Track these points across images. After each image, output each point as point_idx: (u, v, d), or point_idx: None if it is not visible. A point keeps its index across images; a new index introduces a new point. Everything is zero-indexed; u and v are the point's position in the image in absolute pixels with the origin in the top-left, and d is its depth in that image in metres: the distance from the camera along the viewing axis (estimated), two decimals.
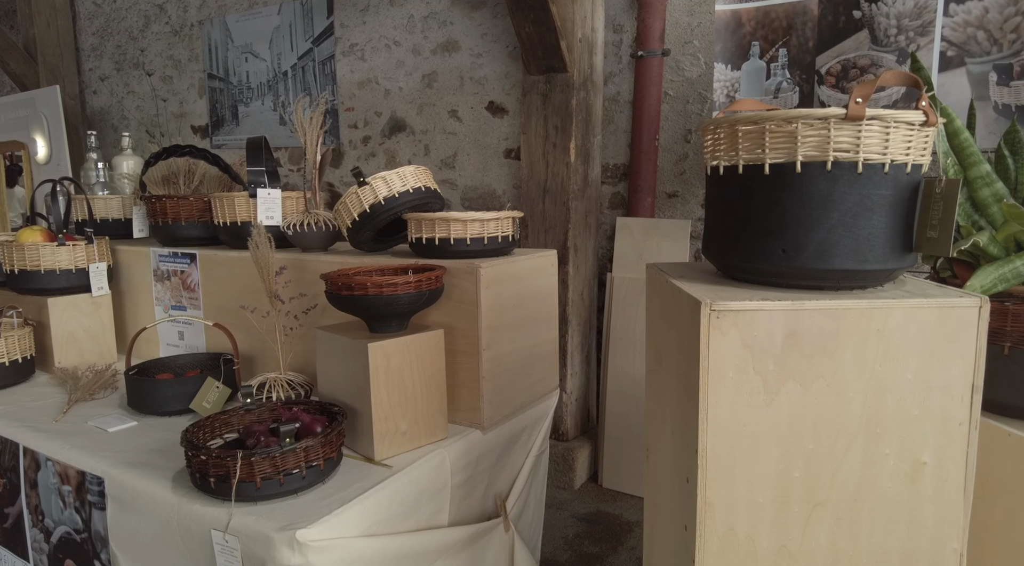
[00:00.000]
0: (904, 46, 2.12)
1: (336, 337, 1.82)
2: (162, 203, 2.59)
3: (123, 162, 3.13)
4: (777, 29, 2.25)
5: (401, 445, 1.80)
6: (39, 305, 2.57)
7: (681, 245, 3.51)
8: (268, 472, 1.52)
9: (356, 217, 2.11)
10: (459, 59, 4.26)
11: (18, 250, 2.53)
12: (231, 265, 2.45)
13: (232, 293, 2.45)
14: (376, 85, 4.61)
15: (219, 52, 5.30)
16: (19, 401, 2.30)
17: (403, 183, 2.12)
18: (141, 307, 2.76)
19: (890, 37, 2.13)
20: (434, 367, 1.85)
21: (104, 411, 2.20)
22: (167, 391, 2.10)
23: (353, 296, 1.72)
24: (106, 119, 6.12)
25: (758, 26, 2.27)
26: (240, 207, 2.41)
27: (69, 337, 2.61)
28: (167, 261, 2.62)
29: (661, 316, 1.51)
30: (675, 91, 3.61)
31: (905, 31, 2.11)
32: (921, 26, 2.08)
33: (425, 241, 2.01)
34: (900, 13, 2.10)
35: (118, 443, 1.93)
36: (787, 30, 2.24)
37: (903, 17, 2.10)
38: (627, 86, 3.74)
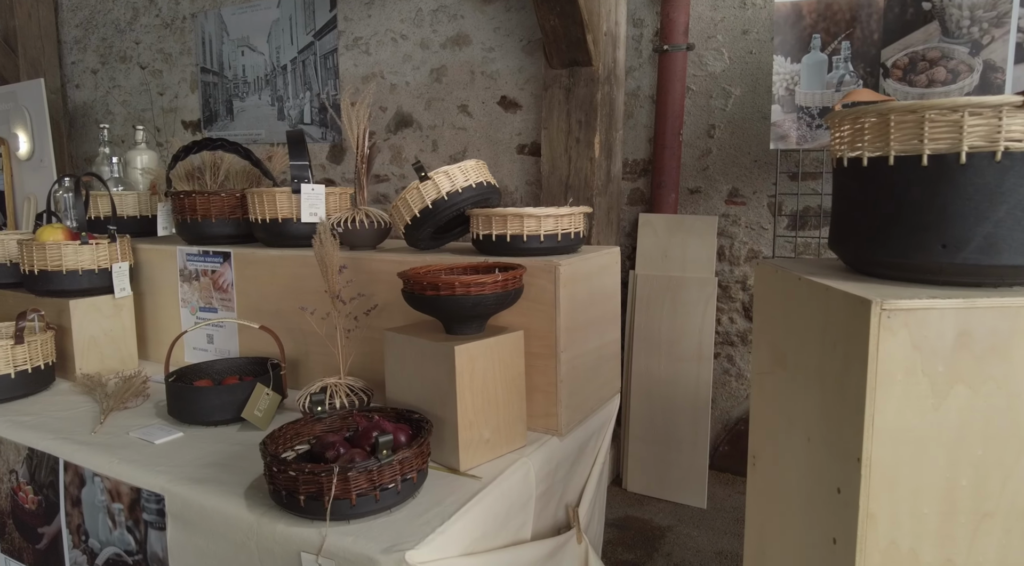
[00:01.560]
0: (977, 38, 2.05)
1: (414, 339, 1.69)
2: (191, 199, 2.43)
3: (137, 157, 2.95)
4: (840, 21, 2.17)
5: (484, 454, 1.68)
6: (59, 307, 2.40)
7: (708, 242, 3.43)
8: (364, 488, 1.39)
9: (416, 213, 1.99)
10: (470, 53, 4.13)
11: (39, 249, 2.36)
12: (271, 264, 2.30)
13: (271, 294, 2.31)
14: (381, 79, 4.46)
15: (213, 45, 5.10)
16: (47, 411, 2.13)
17: (465, 178, 1.99)
18: (164, 309, 2.60)
19: (962, 28, 2.06)
20: (515, 371, 1.73)
21: (142, 421, 2.04)
22: (214, 399, 1.95)
23: (439, 297, 1.60)
24: (89, 114, 5.88)
25: (819, 18, 2.19)
26: (281, 203, 2.26)
27: (91, 341, 2.44)
28: (196, 260, 2.46)
29: (784, 315, 1.41)
30: (698, 86, 3.53)
31: (979, 22, 2.04)
32: (996, 17, 2.02)
33: (495, 238, 1.89)
34: (973, 4, 2.03)
35: (170, 457, 1.78)
36: (850, 22, 2.16)
37: (976, 8, 2.03)
38: (647, 81, 3.65)
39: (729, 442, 3.54)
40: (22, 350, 2.20)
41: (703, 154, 3.56)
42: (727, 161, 3.50)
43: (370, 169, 2.16)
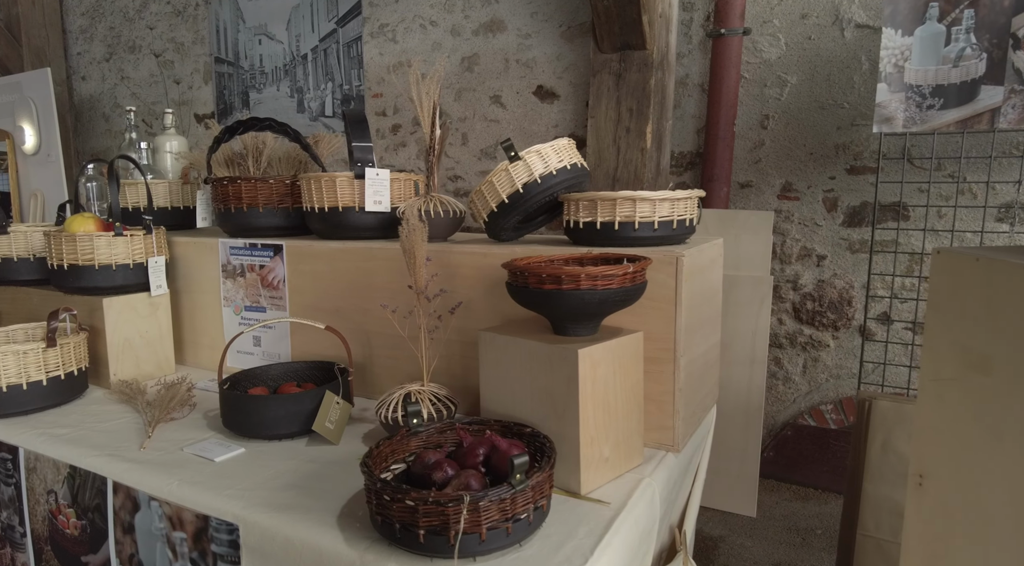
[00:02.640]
0: None
1: (521, 341, 1.44)
2: (236, 186, 2.17)
3: (166, 142, 2.68)
4: None
5: (604, 475, 1.44)
6: (91, 306, 2.13)
7: (763, 238, 3.19)
8: (495, 520, 1.14)
9: (505, 199, 1.74)
10: (504, 40, 3.88)
11: (68, 241, 2.08)
12: (330, 258, 2.04)
13: (330, 291, 2.05)
14: (409, 68, 4.19)
15: (228, 34, 4.82)
16: (85, 423, 1.86)
17: (559, 159, 1.75)
18: (203, 308, 2.33)
19: None
20: (635, 378, 1.49)
21: (194, 434, 1.78)
22: (278, 410, 1.70)
23: (560, 291, 1.35)
24: (96, 107, 5.59)
25: None
26: (342, 190, 2.01)
27: (125, 344, 2.17)
28: (242, 254, 2.20)
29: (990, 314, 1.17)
30: (751, 74, 3.30)
31: None
32: None
33: (600, 225, 1.65)
34: None
35: (236, 477, 1.52)
36: None
37: None
38: (696, 68, 3.42)
39: (775, 448, 3.31)
40: (54, 354, 1.94)
41: (755, 146, 3.33)
42: (781, 154, 3.27)
43: (441, 152, 1.91)
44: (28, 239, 2.28)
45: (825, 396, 3.23)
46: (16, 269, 2.28)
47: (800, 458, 3.21)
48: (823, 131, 3.16)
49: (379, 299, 1.96)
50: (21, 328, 2.14)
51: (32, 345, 1.88)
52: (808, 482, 3.20)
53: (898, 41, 2.02)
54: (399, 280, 1.91)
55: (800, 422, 3.24)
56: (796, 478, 3.23)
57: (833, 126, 3.14)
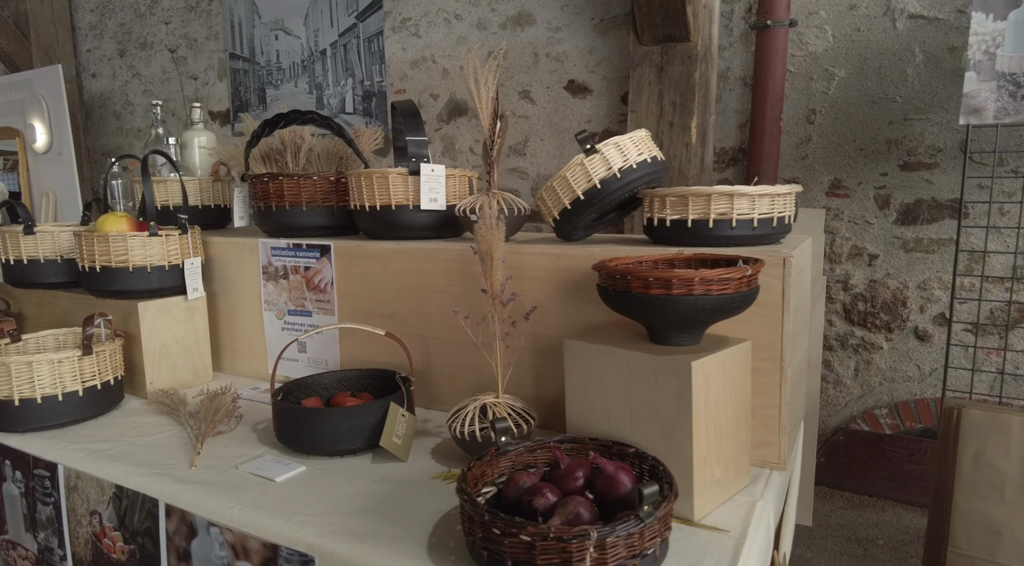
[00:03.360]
0: None
1: (620, 352, 1.30)
2: (277, 183, 2.02)
3: (194, 138, 2.54)
4: None
5: (715, 498, 1.30)
6: (125, 311, 1.98)
7: (815, 237, 3.05)
8: (622, 557, 1.00)
9: (580, 195, 1.60)
10: (533, 34, 3.74)
11: (101, 242, 1.94)
12: (383, 259, 1.90)
13: (384, 294, 1.91)
14: (432, 64, 4.06)
15: (243, 29, 4.68)
16: (125, 436, 1.72)
17: (638, 152, 1.61)
18: (241, 312, 2.18)
19: None
20: (743, 391, 1.35)
21: (246, 450, 1.63)
22: (341, 424, 1.55)
23: (669, 297, 1.21)
24: (106, 105, 5.43)
25: None
26: (395, 187, 1.86)
27: (161, 351, 2.02)
28: (285, 255, 2.05)
29: None
30: (796, 67, 3.16)
31: None
32: None
33: (691, 223, 1.50)
34: None
35: (303, 499, 1.37)
36: None
37: None
38: (738, 61, 3.28)
39: (826, 453, 3.18)
40: (90, 362, 1.79)
41: (801, 142, 3.19)
42: (829, 149, 3.13)
43: (502, 145, 1.77)
44: (55, 240, 2.13)
45: (879, 400, 3.09)
46: (43, 271, 2.14)
47: (854, 464, 3.08)
48: (874, 126, 3.03)
49: (436, 303, 1.82)
50: (51, 334, 1.99)
51: (67, 353, 1.74)
52: (863, 489, 3.06)
53: (989, 26, 1.88)
54: (460, 282, 1.77)
55: (853, 427, 3.11)
56: (849, 485, 3.09)
57: (884, 121, 3.00)
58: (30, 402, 1.70)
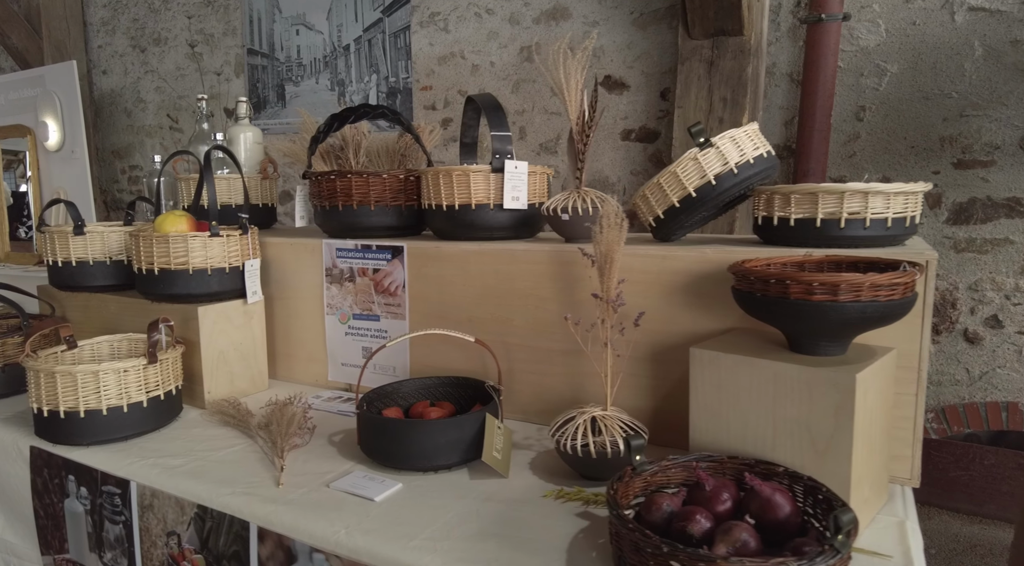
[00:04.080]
0: None
1: (764, 362, 1.19)
2: (345, 182, 1.90)
3: (241, 134, 2.41)
4: None
5: (864, 519, 1.19)
6: (183, 315, 1.86)
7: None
8: None
9: (692, 192, 1.48)
10: (568, 28, 3.63)
11: (160, 243, 1.81)
12: (462, 261, 1.78)
13: (462, 298, 1.79)
14: (461, 60, 3.94)
15: (263, 24, 4.54)
16: (195, 451, 1.59)
17: (754, 145, 1.50)
18: (299, 316, 2.06)
19: None
20: (889, 403, 1.24)
21: (328, 465, 1.51)
22: (438, 437, 1.43)
23: (835, 303, 1.10)
24: (117, 102, 5.28)
25: None
26: (476, 185, 1.75)
27: (220, 357, 1.90)
28: (352, 257, 1.93)
29: None
30: (846, 62, 3.06)
31: None
32: None
33: (819, 223, 1.40)
34: None
35: (413, 522, 1.25)
36: None
37: None
38: (785, 56, 3.18)
39: None
40: (155, 371, 1.66)
41: (850, 139, 3.09)
42: (878, 147, 3.04)
43: (591, 139, 1.66)
44: (105, 240, 2.00)
45: (926, 404, 3.00)
46: (91, 273, 2.01)
47: None
48: (927, 123, 2.93)
49: (521, 307, 1.70)
50: (105, 341, 1.87)
51: (132, 361, 1.61)
52: None
53: None
54: (550, 286, 1.66)
55: None
56: None
57: (939, 117, 2.91)
58: (95, 414, 1.58)
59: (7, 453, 1.71)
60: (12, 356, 1.93)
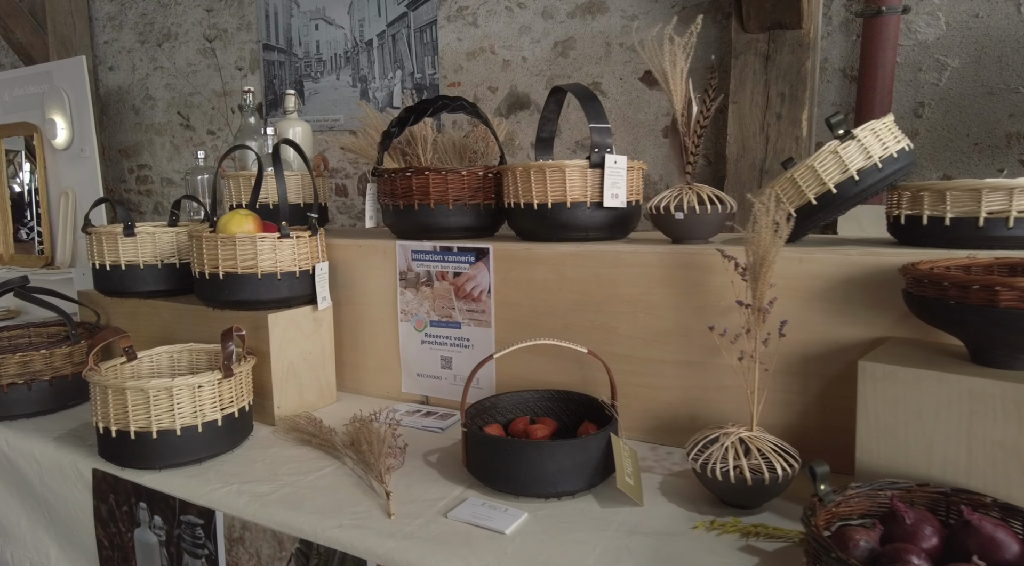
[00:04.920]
0: None
1: (962, 378, 1.05)
2: (422, 179, 1.74)
3: (290, 128, 2.24)
4: None
5: None
6: (252, 323, 1.70)
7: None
8: None
9: (832, 188, 1.34)
10: (606, 22, 3.48)
11: (226, 245, 1.65)
12: (557, 264, 1.63)
13: (557, 304, 1.64)
14: (491, 55, 3.78)
15: (280, 19, 4.36)
16: (280, 475, 1.43)
17: (895, 139, 1.37)
18: (368, 323, 1.90)
19: None
20: None
21: (435, 490, 1.36)
22: (564, 460, 1.28)
23: None
24: (125, 99, 5.08)
25: None
26: (572, 182, 1.60)
27: (289, 369, 1.74)
28: (430, 260, 1.78)
29: None
30: (903, 58, 2.94)
31: None
32: None
33: (983, 222, 1.26)
34: None
35: (556, 559, 1.10)
36: None
37: None
38: (837, 51, 3.04)
39: None
40: (229, 386, 1.50)
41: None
42: (938, 145, 2.91)
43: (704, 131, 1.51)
44: (156, 242, 1.84)
45: None
46: (141, 278, 1.84)
47: None
48: (992, 119, 2.81)
49: (627, 314, 1.56)
50: (164, 352, 1.70)
51: (207, 376, 1.45)
52: None
53: None
54: (662, 291, 1.51)
55: None
56: None
57: (1005, 113, 2.79)
58: (168, 434, 1.42)
59: (64, 476, 1.54)
60: (60, 368, 1.76)
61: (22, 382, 1.71)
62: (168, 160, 4.96)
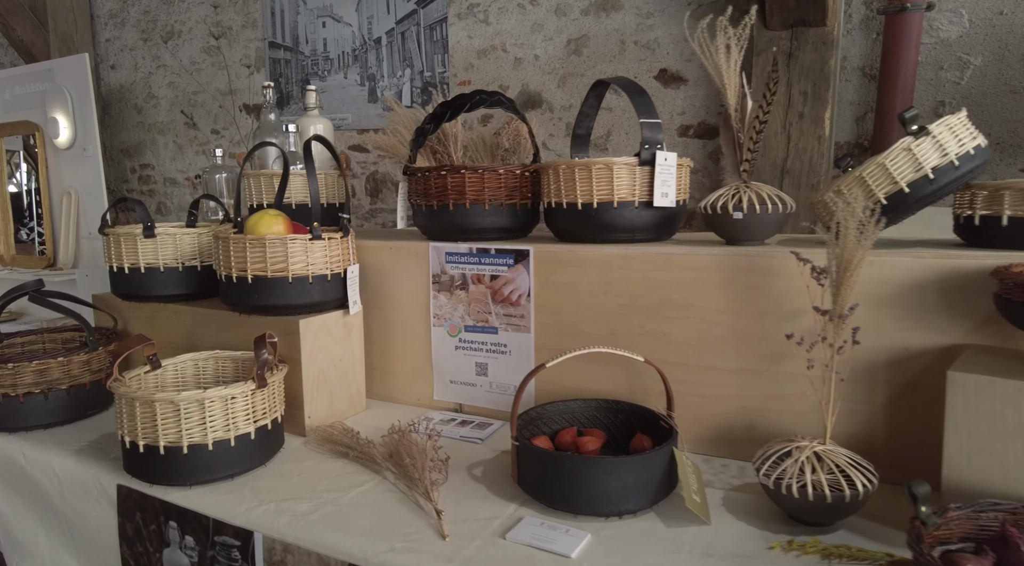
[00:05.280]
0: None
1: None
2: (458, 178, 1.64)
3: (311, 126, 2.14)
4: None
5: None
6: (282, 329, 1.59)
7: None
8: None
9: (905, 187, 1.26)
10: (620, 20, 3.39)
11: (255, 247, 1.54)
12: (603, 267, 1.53)
13: (603, 309, 1.54)
14: (503, 53, 3.68)
15: (286, 16, 4.25)
16: (319, 491, 1.32)
17: (971, 135, 1.28)
18: (398, 328, 1.80)
19: None
20: None
21: (485, 508, 1.26)
22: (627, 477, 1.18)
23: None
24: (127, 98, 4.95)
25: None
26: (620, 180, 1.50)
27: (320, 377, 1.64)
28: (465, 262, 1.68)
29: None
30: (924, 56, 2.86)
31: None
32: None
33: None
34: None
35: None
36: None
37: None
38: (856, 49, 2.96)
39: None
40: (262, 397, 1.40)
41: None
42: None
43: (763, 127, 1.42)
44: (177, 243, 1.73)
45: None
46: (161, 281, 1.73)
47: None
48: (1014, 118, 2.74)
49: (679, 320, 1.46)
50: (189, 359, 1.59)
51: (240, 387, 1.34)
52: None
53: None
54: (721, 296, 1.42)
55: None
56: None
57: None
58: (200, 449, 1.31)
59: (86, 491, 1.44)
60: (78, 376, 1.65)
61: (39, 391, 1.60)
62: (171, 160, 4.83)
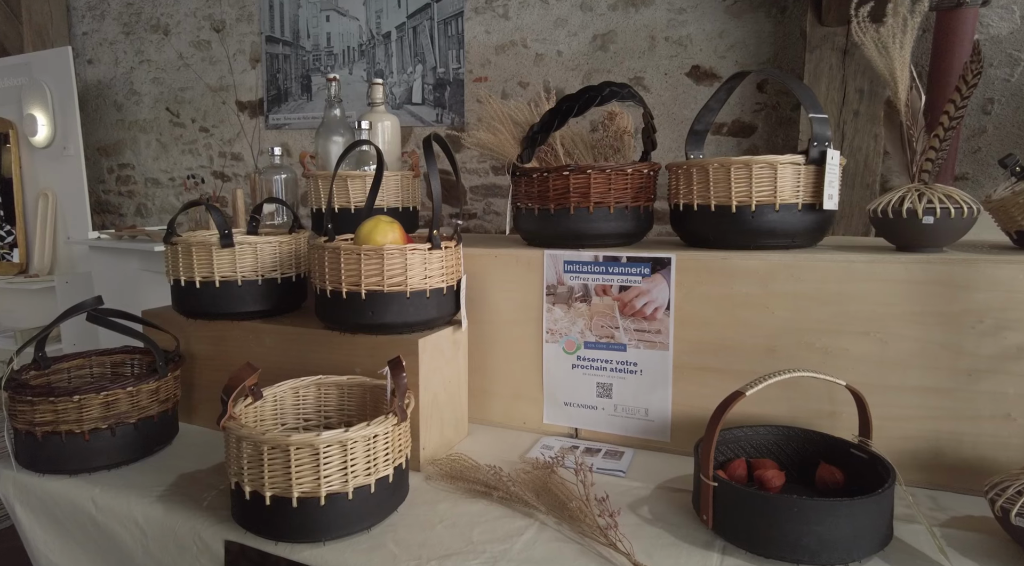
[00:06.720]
0: None
1: None
2: (581, 179, 1.44)
3: (379, 122, 1.90)
4: None
5: None
6: (396, 350, 1.37)
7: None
8: None
9: None
10: (650, 15, 3.23)
11: (370, 258, 1.31)
12: (765, 278, 1.34)
13: (762, 326, 1.36)
14: (523, 49, 3.49)
15: (285, 9, 3.97)
16: (476, 542, 1.10)
17: None
18: (502, 345, 1.59)
19: None
20: None
21: (683, 558, 1.06)
22: (863, 518, 1.01)
23: None
24: (105, 94, 4.59)
25: None
26: (783, 181, 1.32)
27: (433, 402, 1.41)
28: (589, 271, 1.48)
29: None
30: None
31: None
32: None
33: None
34: None
35: None
36: None
37: None
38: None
39: None
40: (399, 432, 1.18)
41: (974, 134, 2.80)
42: (1008, 142, 2.76)
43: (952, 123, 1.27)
44: (258, 254, 1.49)
45: None
46: (239, 297, 1.49)
47: None
48: None
49: (858, 335, 1.29)
50: (289, 387, 1.36)
51: (382, 424, 1.12)
52: None
53: None
54: (912, 310, 1.25)
55: None
56: None
57: None
58: (339, 498, 1.08)
59: (181, 549, 1.19)
60: (146, 408, 1.40)
61: (105, 427, 1.35)
62: (154, 159, 4.49)
